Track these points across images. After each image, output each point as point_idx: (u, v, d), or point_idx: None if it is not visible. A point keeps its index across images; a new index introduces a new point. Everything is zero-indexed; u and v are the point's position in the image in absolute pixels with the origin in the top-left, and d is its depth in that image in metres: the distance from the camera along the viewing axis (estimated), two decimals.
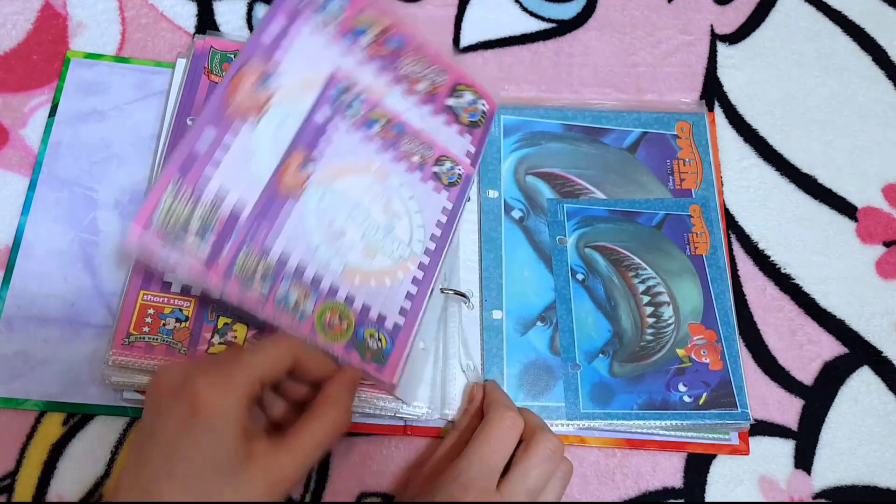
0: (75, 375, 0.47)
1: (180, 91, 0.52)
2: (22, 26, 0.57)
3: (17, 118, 0.54)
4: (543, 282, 0.51)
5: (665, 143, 0.56)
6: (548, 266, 0.52)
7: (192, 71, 0.53)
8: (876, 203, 0.57)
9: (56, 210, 0.51)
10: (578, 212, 0.53)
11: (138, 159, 0.53)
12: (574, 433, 0.49)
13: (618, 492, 0.48)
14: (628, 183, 0.55)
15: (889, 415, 0.51)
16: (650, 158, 0.55)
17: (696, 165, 0.55)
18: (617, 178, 0.55)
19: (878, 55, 0.62)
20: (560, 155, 0.55)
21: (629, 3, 0.62)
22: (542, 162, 0.55)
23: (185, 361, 0.38)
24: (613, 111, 0.57)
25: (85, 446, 0.47)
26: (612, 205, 0.54)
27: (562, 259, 0.52)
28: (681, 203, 0.54)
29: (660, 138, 0.56)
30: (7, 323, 0.48)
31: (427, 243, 0.49)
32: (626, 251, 0.52)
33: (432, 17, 0.60)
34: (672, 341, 0.50)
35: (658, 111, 0.57)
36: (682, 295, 0.51)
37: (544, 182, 0.54)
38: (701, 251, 0.53)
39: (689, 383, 0.49)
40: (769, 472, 0.49)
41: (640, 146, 0.56)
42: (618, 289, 0.51)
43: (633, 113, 0.56)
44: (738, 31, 0.62)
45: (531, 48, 0.60)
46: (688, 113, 0.57)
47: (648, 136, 0.56)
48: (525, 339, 0.50)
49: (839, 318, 0.54)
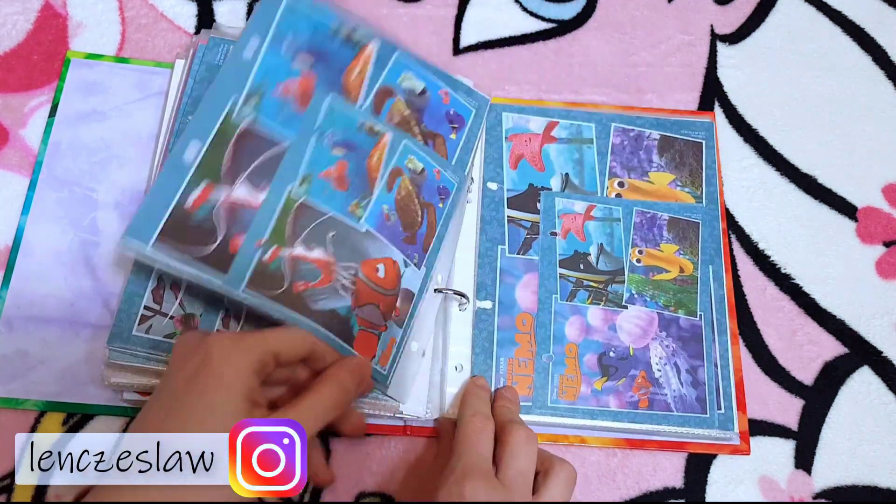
0: (75, 375, 0.47)
1: (179, 91, 0.52)
2: (22, 26, 0.57)
3: (17, 118, 0.54)
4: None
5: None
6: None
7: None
8: (876, 203, 0.57)
9: (56, 210, 0.51)
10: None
11: (138, 159, 0.53)
12: (574, 433, 0.49)
13: (619, 492, 0.48)
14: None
15: (889, 415, 0.51)
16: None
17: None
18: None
19: (878, 55, 0.62)
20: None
21: (629, 3, 0.62)
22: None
23: (208, 330, 0.40)
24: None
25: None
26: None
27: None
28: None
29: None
30: (7, 323, 0.48)
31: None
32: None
33: (432, 17, 0.60)
34: None
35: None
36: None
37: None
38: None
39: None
40: (769, 472, 0.49)
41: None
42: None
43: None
44: (738, 31, 0.62)
45: (531, 48, 0.60)
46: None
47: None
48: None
49: (839, 318, 0.54)
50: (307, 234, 0.46)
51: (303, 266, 0.45)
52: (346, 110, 0.49)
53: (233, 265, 0.44)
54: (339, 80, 0.50)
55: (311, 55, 0.50)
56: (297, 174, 0.47)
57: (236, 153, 0.46)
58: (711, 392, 0.49)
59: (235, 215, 0.45)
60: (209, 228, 0.44)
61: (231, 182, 0.46)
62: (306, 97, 0.49)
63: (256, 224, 0.45)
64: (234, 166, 0.46)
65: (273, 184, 0.46)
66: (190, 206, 0.44)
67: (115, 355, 0.45)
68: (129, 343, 0.45)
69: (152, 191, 0.45)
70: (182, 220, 0.44)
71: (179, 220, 0.44)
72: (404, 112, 0.52)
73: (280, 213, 0.46)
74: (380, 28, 0.52)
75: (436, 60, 0.58)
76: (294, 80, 0.49)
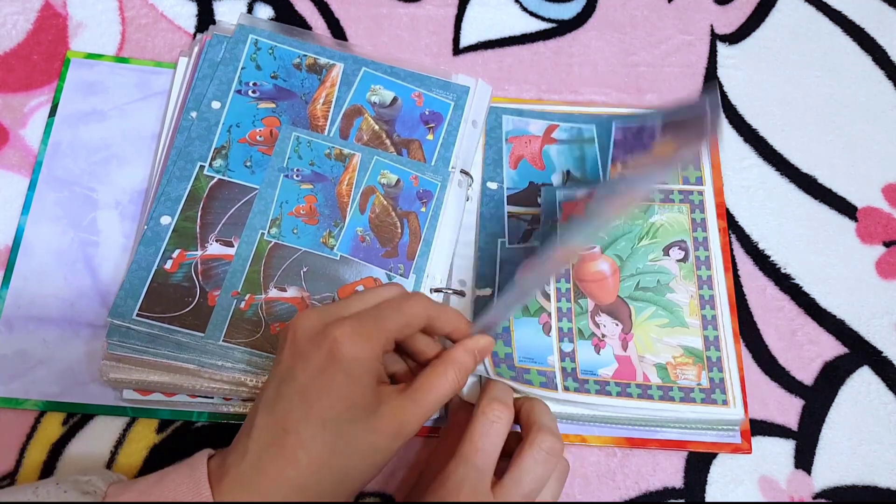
0: (75, 375, 0.47)
1: (183, 89, 0.52)
2: (22, 26, 0.57)
3: (17, 118, 0.54)
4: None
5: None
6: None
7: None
8: (876, 203, 0.57)
9: (56, 210, 0.51)
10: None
11: (138, 159, 0.53)
12: (574, 432, 0.49)
13: (618, 492, 0.48)
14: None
15: (889, 415, 0.51)
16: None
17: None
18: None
19: (878, 55, 0.62)
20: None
21: (629, 3, 0.62)
22: None
23: (323, 308, 0.40)
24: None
25: (85, 446, 0.47)
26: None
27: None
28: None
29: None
30: (7, 323, 0.48)
31: None
32: None
33: (432, 17, 0.60)
34: None
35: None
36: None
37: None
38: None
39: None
40: (769, 471, 0.49)
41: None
42: None
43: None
44: (738, 31, 0.62)
45: (531, 48, 0.60)
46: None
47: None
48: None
49: (839, 318, 0.54)
50: (280, 276, 0.48)
51: (278, 307, 0.47)
52: (312, 141, 0.51)
53: (211, 319, 0.46)
54: (305, 112, 0.52)
55: (274, 97, 0.52)
56: (268, 218, 0.49)
57: (208, 210, 0.49)
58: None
59: (210, 271, 0.47)
60: (189, 287, 0.46)
61: (205, 240, 0.48)
62: (273, 139, 0.51)
63: (231, 275, 0.47)
64: (205, 223, 0.48)
65: (244, 233, 0.48)
66: (170, 268, 0.47)
67: (114, 330, 0.45)
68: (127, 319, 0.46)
69: (132, 266, 0.47)
70: (163, 283, 0.46)
71: (160, 284, 0.46)
72: (375, 128, 0.52)
73: (252, 260, 0.48)
74: (346, 44, 0.54)
75: (436, 60, 0.59)
76: (260, 126, 0.51)
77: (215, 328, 0.46)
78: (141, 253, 0.47)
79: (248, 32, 0.54)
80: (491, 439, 0.40)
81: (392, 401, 0.38)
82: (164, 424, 0.47)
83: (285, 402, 0.36)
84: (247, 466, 0.35)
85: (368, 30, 0.59)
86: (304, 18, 0.59)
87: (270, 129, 0.51)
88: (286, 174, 0.50)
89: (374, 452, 0.37)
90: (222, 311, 0.46)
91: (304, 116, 0.52)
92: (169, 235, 0.48)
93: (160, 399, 0.46)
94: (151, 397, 0.46)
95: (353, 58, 0.54)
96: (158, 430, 0.47)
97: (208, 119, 0.51)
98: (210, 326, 0.46)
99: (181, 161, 0.49)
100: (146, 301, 0.46)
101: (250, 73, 0.53)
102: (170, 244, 0.47)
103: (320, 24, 0.59)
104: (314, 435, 0.35)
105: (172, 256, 0.47)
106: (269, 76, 0.53)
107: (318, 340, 0.37)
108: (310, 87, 0.53)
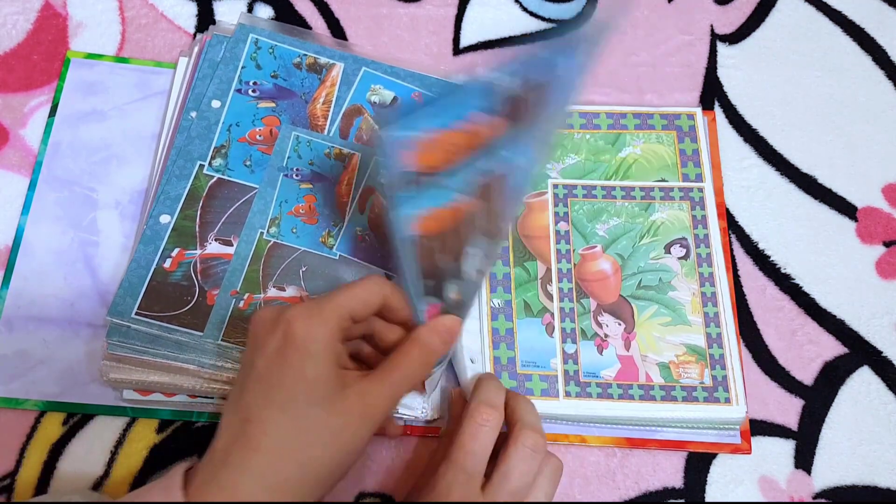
0: (75, 375, 0.47)
1: (182, 89, 0.52)
2: (22, 26, 0.57)
3: (17, 118, 0.54)
4: None
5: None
6: None
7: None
8: (876, 203, 0.57)
9: (56, 210, 0.51)
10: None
11: (138, 159, 0.53)
12: (574, 432, 0.49)
13: (618, 492, 0.48)
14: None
15: (889, 415, 0.51)
16: None
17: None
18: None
19: (878, 55, 0.62)
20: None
21: (629, 2, 0.62)
22: None
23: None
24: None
25: (85, 446, 0.47)
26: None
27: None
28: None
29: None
30: (7, 323, 0.48)
31: None
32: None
33: (432, 17, 0.60)
34: None
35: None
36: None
37: None
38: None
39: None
40: (769, 471, 0.49)
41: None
42: None
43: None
44: (738, 31, 0.62)
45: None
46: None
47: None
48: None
49: (839, 318, 0.54)
50: (279, 275, 0.48)
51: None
52: (312, 141, 0.51)
53: (210, 318, 0.46)
54: (305, 111, 0.52)
55: (274, 96, 0.52)
56: (267, 217, 0.49)
57: (207, 209, 0.49)
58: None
59: (209, 270, 0.47)
60: (188, 286, 0.46)
61: (204, 239, 0.48)
62: (273, 138, 0.51)
63: (230, 274, 0.47)
64: (205, 222, 0.48)
65: (243, 232, 0.48)
66: (169, 267, 0.47)
67: (114, 329, 0.45)
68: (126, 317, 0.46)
69: (131, 265, 0.47)
70: (162, 281, 0.46)
71: (159, 283, 0.46)
72: (375, 127, 0.52)
73: (251, 260, 0.48)
74: (346, 44, 0.54)
75: (436, 60, 0.59)
76: (259, 126, 0.51)
77: (214, 327, 0.46)
78: (140, 251, 0.47)
79: (249, 32, 0.54)
80: (480, 442, 0.41)
81: (356, 384, 0.37)
82: (164, 424, 0.47)
83: (247, 394, 0.36)
84: (214, 463, 0.35)
85: (368, 30, 0.59)
86: (304, 18, 0.59)
87: (270, 128, 0.51)
88: (286, 173, 0.50)
89: (341, 436, 0.36)
90: (221, 310, 0.46)
91: (304, 116, 0.52)
92: (168, 234, 0.48)
93: (160, 399, 0.46)
94: (151, 397, 0.46)
95: (354, 57, 0.54)
96: (158, 430, 0.47)
97: (208, 118, 0.51)
98: (208, 325, 0.46)
99: (181, 160, 0.50)
100: (145, 300, 0.46)
101: (250, 73, 0.53)
102: (169, 243, 0.48)
103: (320, 23, 0.59)
104: (274, 419, 0.35)
105: (171, 255, 0.47)
106: (270, 75, 0.53)
107: (272, 327, 0.37)
108: (310, 86, 0.53)
